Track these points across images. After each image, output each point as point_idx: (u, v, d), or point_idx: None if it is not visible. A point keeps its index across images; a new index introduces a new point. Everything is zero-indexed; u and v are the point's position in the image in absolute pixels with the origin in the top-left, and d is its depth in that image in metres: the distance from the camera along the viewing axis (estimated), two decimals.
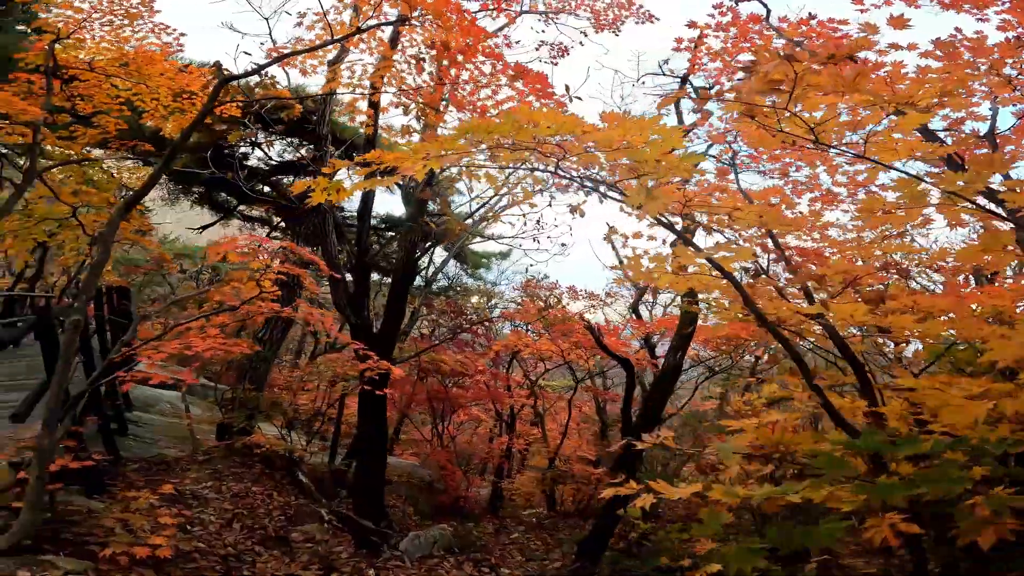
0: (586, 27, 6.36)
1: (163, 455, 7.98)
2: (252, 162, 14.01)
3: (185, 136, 3.46)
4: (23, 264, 14.75)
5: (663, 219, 2.78)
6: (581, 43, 6.60)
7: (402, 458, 11.94)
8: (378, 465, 6.77)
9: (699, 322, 5.71)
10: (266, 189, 15.58)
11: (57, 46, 4.59)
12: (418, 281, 9.36)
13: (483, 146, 2.22)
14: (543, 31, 7.22)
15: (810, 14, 4.66)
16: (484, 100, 4.14)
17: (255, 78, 5.92)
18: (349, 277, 6.77)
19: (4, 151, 12.17)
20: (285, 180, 15.41)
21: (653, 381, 6.04)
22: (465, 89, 4.25)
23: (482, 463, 12.57)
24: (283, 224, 16.64)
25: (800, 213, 4.05)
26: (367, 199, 6.61)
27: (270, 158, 12.82)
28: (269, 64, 4.26)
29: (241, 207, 15.87)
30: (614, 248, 11.94)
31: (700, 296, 4.55)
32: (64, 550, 3.26)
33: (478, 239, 10.49)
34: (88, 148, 5.92)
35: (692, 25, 4.57)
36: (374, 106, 5.26)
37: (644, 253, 3.25)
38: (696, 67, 4.66)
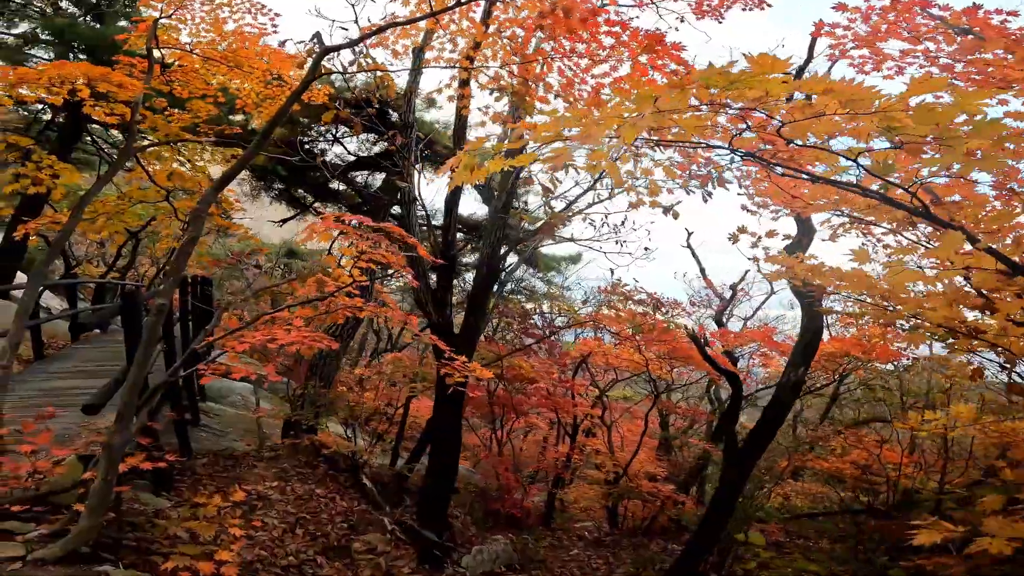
0: (686, 11, 5.71)
1: (232, 448, 7.95)
2: (329, 157, 14.16)
3: (286, 107, 3.19)
4: (116, 249, 15.54)
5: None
6: (676, 28, 5.97)
7: None
8: (449, 472, 6.39)
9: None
10: (340, 187, 15.78)
11: (160, 25, 4.53)
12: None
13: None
14: (637, 16, 6.58)
15: (974, 3, 3.95)
16: (600, 78, 3.65)
17: (347, 55, 5.71)
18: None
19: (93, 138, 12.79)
20: (359, 176, 15.55)
21: (771, 402, 5.34)
22: (579, 64, 3.77)
23: (534, 472, 12.17)
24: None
25: None
26: (456, 190, 6.25)
27: (350, 152, 12.85)
28: (367, 36, 3.96)
29: (315, 204, 16.16)
30: (695, 256, 11.21)
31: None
32: (123, 560, 2.99)
33: (548, 241, 10.03)
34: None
35: (840, 7, 3.92)
36: (464, 83, 4.90)
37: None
38: (841, 54, 3.98)
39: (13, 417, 4.57)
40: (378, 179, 15.88)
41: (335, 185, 15.27)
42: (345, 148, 12.80)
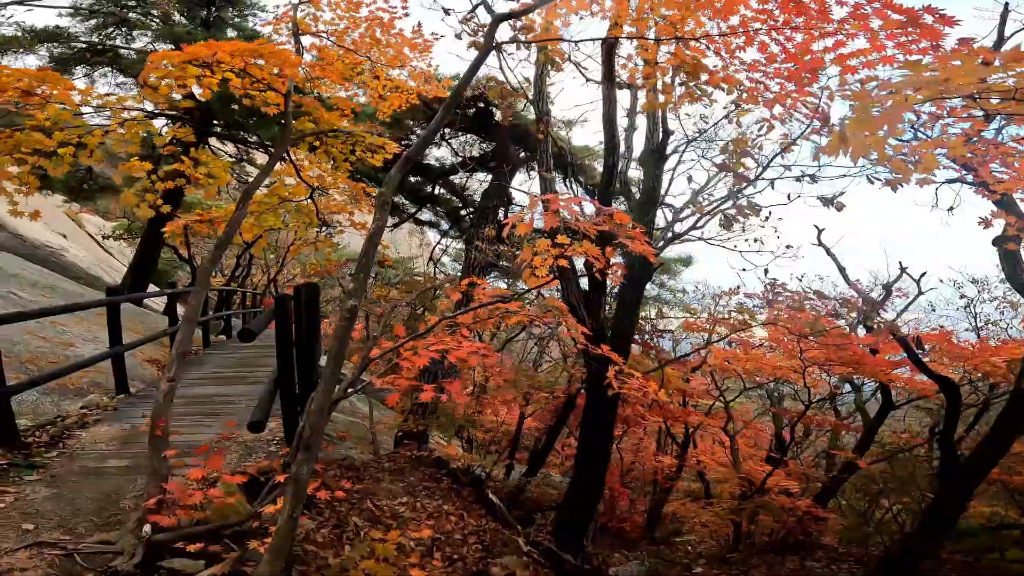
0: None
1: (351, 458, 7.81)
2: (428, 161, 14.07)
3: (465, 80, 2.80)
4: (247, 241, 16.22)
5: None
6: None
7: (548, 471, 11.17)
8: (594, 491, 5.83)
9: None
10: (437, 191, 15.70)
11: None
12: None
13: None
14: None
15: None
16: (821, 54, 2.93)
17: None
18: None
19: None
20: (456, 179, 15.38)
21: (1006, 411, 4.35)
22: (793, 39, 3.08)
23: (633, 481, 11.43)
24: (450, 227, 16.75)
25: None
26: (611, 179, 5.67)
27: (457, 153, 12.67)
28: (542, 3, 3.49)
29: (411, 209, 16.19)
30: (831, 255, 10.02)
31: None
32: None
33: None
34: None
35: None
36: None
37: None
38: None
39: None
40: (474, 181, 15.68)
41: (432, 190, 15.22)
42: (453, 149, 12.63)
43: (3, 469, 3.80)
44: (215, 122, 14.05)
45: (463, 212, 15.45)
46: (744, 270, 8.51)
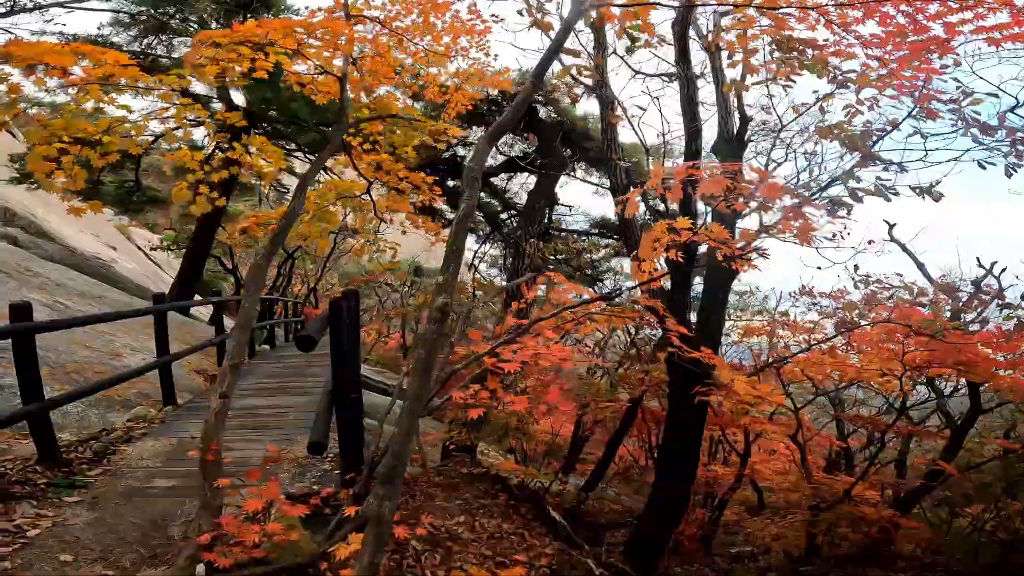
0: None
1: None
2: (468, 160, 13.72)
3: (546, 62, 2.35)
4: (288, 251, 16.20)
5: None
6: None
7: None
8: (677, 506, 5.26)
9: None
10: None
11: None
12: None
13: None
14: None
15: None
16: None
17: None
18: None
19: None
20: (495, 180, 14.96)
21: None
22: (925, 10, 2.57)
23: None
24: (490, 230, 16.35)
25: None
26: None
27: (500, 151, 12.27)
28: None
29: (450, 215, 15.83)
30: (907, 251, 9.22)
31: None
32: None
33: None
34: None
35: None
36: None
37: None
38: None
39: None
40: (515, 184, 15.24)
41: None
42: (496, 147, 12.21)
43: (42, 489, 3.49)
44: (253, 130, 14.09)
45: (502, 216, 15.03)
46: (820, 268, 7.80)
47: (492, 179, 14.23)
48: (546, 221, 10.97)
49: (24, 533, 2.99)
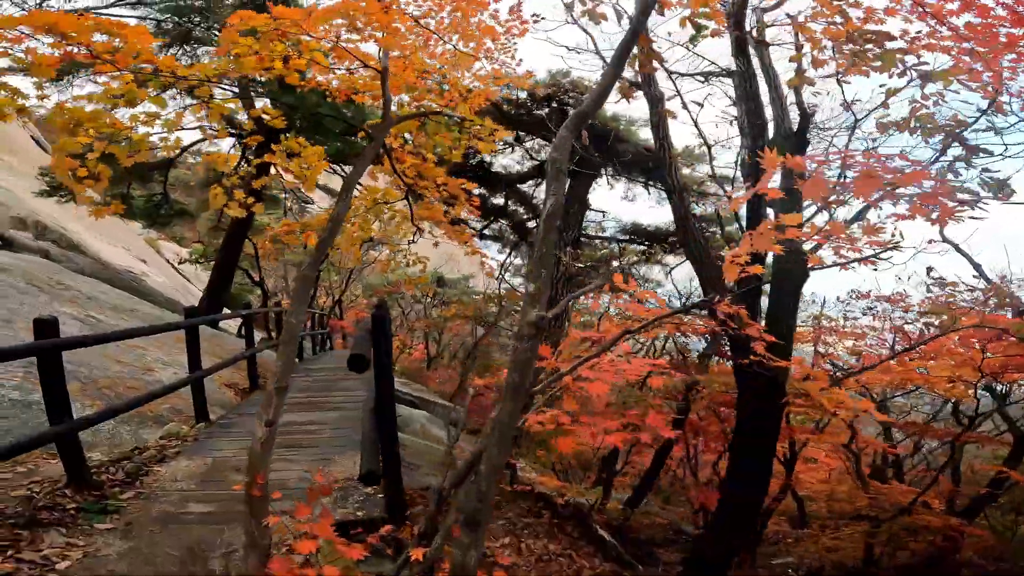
0: None
1: (428, 485, 7.12)
2: (496, 169, 13.45)
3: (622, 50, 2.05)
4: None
5: None
6: None
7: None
8: (746, 523, 4.85)
9: None
10: (504, 202, 15.04)
11: None
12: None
13: None
14: None
15: None
16: None
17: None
18: None
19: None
20: (523, 188, 14.67)
21: None
22: None
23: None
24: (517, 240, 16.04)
25: None
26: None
27: (531, 156, 12.00)
28: None
29: (476, 223, 15.59)
30: (960, 250, 8.69)
31: None
32: None
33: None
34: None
35: None
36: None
37: None
38: None
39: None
40: (541, 191, 14.92)
41: (505, 201, 14.56)
42: (527, 151, 11.96)
43: (71, 515, 3.26)
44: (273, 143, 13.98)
45: (530, 224, 14.73)
46: (875, 269, 7.35)
47: (519, 185, 13.97)
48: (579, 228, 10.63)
49: (53, 566, 2.75)
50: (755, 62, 5.40)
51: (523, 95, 9.57)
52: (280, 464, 4.44)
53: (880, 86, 4.31)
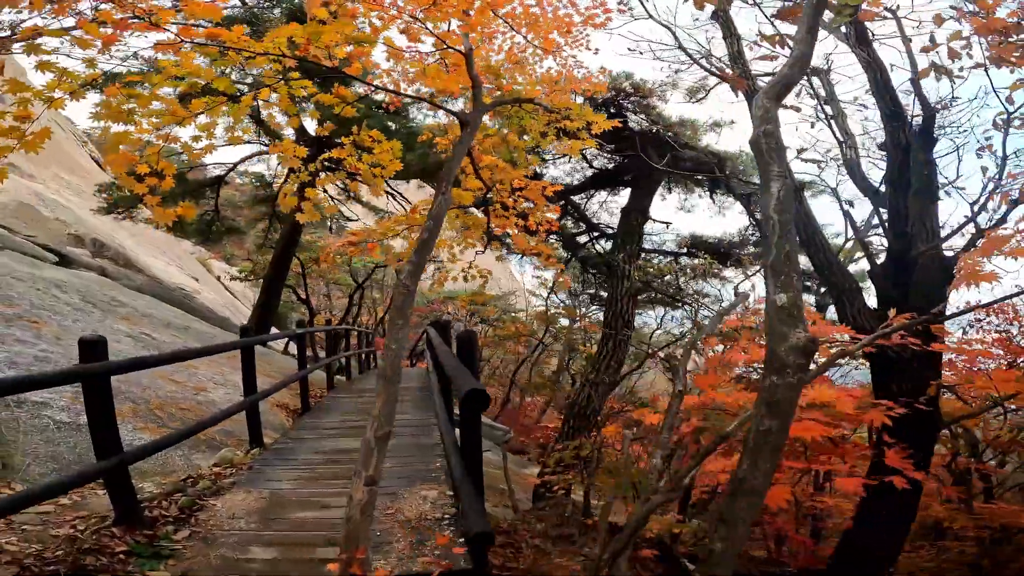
0: None
1: (492, 515, 6.54)
2: (546, 178, 12.96)
3: None
4: (357, 280, 15.87)
5: None
6: None
7: None
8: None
9: None
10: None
11: None
12: None
13: None
14: None
15: None
16: None
17: None
18: None
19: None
20: (576, 199, 14.09)
21: None
22: None
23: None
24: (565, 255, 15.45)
25: None
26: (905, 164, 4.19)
27: (593, 165, 11.47)
28: None
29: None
30: None
31: None
32: None
33: None
34: None
35: None
36: None
37: None
38: None
39: (311, 496, 3.53)
40: (593, 203, 14.32)
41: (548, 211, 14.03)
42: (586, 158, 11.44)
43: (120, 560, 2.83)
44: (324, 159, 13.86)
45: (581, 238, 14.14)
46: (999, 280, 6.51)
47: (572, 197, 13.42)
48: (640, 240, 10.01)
49: None
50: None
51: (579, 99, 9.11)
52: (339, 500, 3.98)
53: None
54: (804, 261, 6.30)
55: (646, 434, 6.83)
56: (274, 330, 13.75)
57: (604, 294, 13.61)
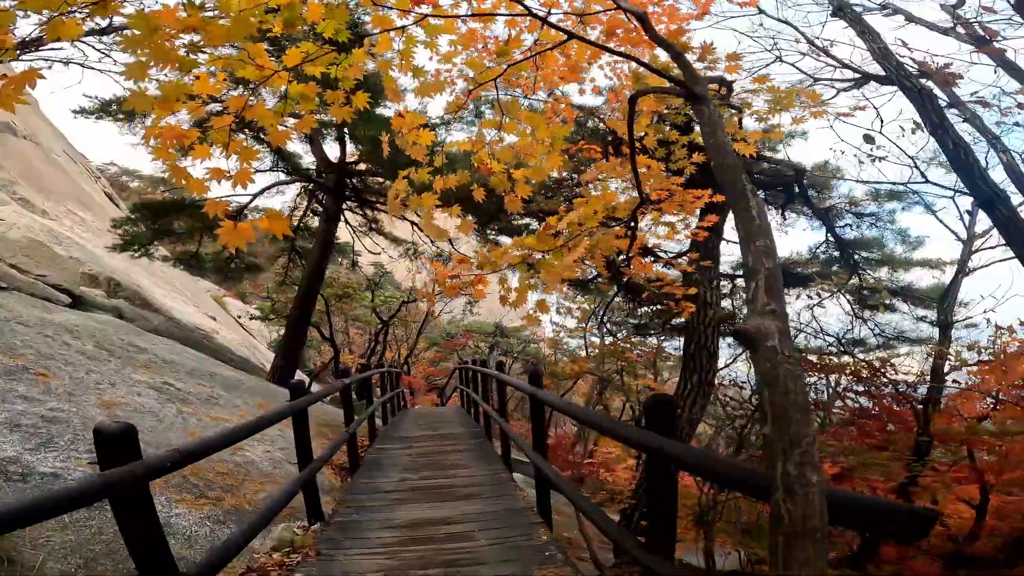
0: None
1: None
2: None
3: None
4: (383, 319, 15.03)
5: None
6: None
7: None
8: None
9: None
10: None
11: None
12: None
13: None
14: None
15: None
16: None
17: None
18: None
19: None
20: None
21: None
22: None
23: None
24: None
25: None
26: None
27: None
28: None
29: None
30: None
31: None
32: None
33: None
34: None
35: None
36: None
37: None
38: None
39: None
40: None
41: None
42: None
43: None
44: (347, 194, 13.21)
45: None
46: None
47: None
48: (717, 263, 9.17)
49: None
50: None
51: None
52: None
53: None
54: None
55: None
56: (299, 373, 12.89)
57: (637, 321, 12.62)
